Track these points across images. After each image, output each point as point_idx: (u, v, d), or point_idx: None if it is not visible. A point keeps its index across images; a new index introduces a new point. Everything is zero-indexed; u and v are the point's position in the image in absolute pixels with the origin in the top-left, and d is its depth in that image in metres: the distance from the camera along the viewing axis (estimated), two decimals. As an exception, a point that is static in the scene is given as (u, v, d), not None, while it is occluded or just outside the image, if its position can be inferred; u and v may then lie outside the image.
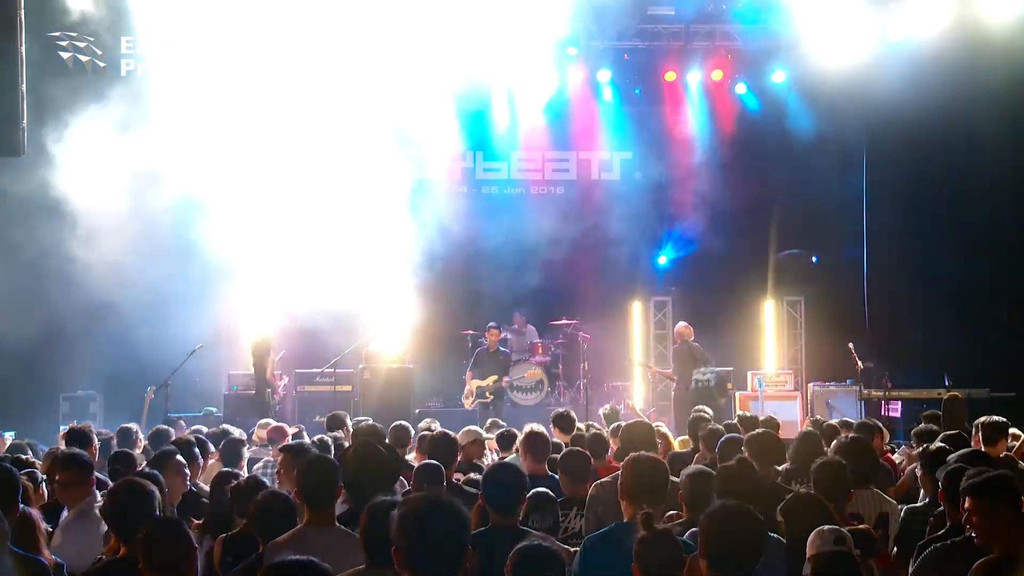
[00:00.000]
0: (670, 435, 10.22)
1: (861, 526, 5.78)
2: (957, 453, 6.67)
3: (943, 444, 7.27)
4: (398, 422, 9.39)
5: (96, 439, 8.90)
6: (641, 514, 4.49)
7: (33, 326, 14.80)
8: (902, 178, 17.53)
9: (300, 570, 3.65)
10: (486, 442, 9.50)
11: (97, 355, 14.97)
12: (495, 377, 15.68)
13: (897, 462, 9.25)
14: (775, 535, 5.31)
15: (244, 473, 7.97)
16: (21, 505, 5.61)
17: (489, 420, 11.64)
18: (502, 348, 16.18)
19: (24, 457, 8.09)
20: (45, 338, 14.95)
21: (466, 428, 9.33)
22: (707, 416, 9.99)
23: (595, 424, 10.29)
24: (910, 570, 5.56)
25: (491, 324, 16.10)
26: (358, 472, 5.74)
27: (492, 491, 5.57)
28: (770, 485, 6.61)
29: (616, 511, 5.64)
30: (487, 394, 15.65)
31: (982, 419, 8.71)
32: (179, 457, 7.15)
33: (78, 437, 8.45)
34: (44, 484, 7.27)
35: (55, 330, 15.04)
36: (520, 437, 8.83)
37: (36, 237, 14.91)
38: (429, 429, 9.51)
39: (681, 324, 15.74)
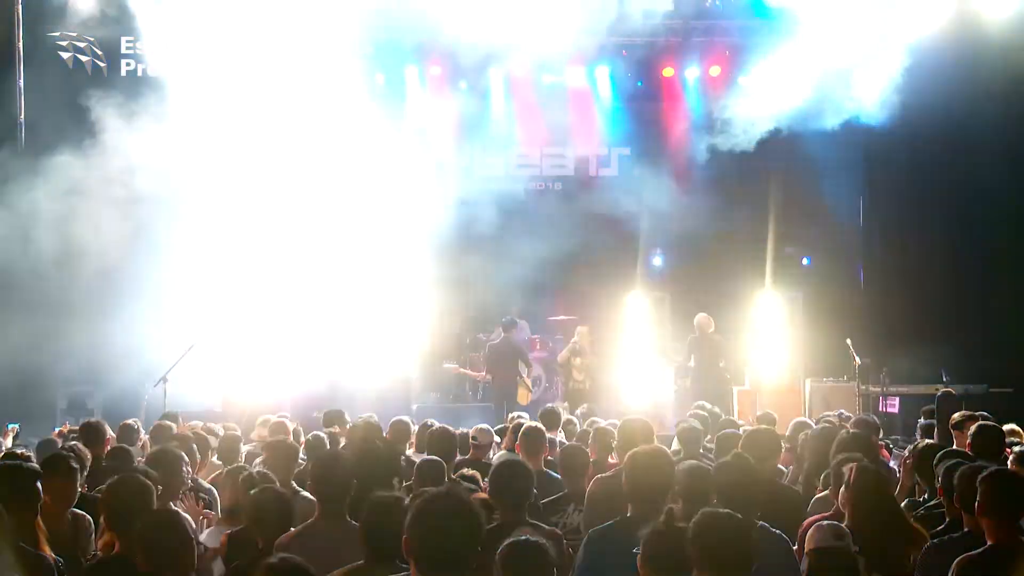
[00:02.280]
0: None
1: None
2: (946, 450, 6.69)
3: (932, 442, 7.30)
4: (397, 418, 9.42)
5: (111, 433, 8.97)
6: (667, 508, 4.51)
7: (31, 321, 14.81)
8: (900, 174, 17.54)
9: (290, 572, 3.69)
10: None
11: (95, 350, 14.95)
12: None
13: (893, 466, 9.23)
14: (777, 531, 5.32)
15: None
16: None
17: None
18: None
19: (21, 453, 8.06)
20: (43, 333, 14.94)
21: (482, 426, 9.34)
22: (700, 415, 10.01)
23: (599, 420, 10.31)
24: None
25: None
26: (357, 467, 5.76)
27: (500, 487, 5.60)
28: (768, 482, 6.61)
29: (618, 507, 5.65)
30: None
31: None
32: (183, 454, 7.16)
33: (92, 432, 8.53)
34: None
35: (53, 325, 15.03)
36: (509, 432, 8.91)
37: (35, 233, 14.91)
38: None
39: (701, 315, 15.70)
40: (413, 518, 3.75)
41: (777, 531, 5.31)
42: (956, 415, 8.68)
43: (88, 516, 6.04)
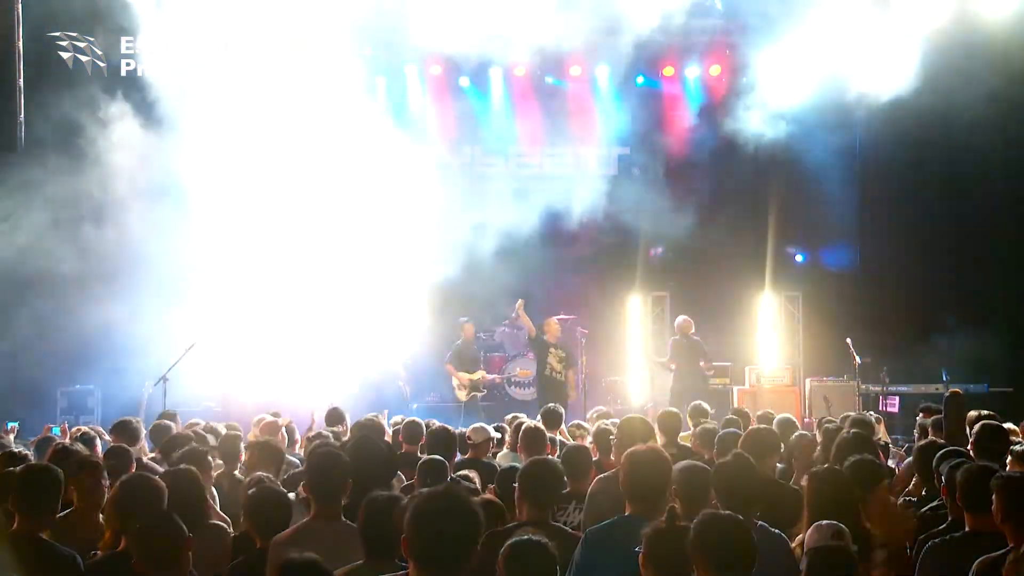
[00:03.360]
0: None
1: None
2: (947, 449, 6.68)
3: (935, 440, 7.27)
4: (412, 419, 9.43)
5: (143, 431, 9.03)
6: (669, 507, 4.52)
7: (30, 320, 14.82)
8: (899, 173, 17.54)
9: (304, 570, 3.69)
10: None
11: (95, 349, 14.97)
12: (482, 372, 15.99)
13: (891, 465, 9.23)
14: (776, 530, 5.32)
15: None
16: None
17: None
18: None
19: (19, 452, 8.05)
20: (43, 332, 14.95)
21: (476, 425, 9.34)
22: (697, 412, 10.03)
23: (604, 421, 10.32)
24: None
25: (464, 319, 16.34)
26: (356, 467, 5.75)
27: (531, 485, 5.62)
28: (768, 482, 6.61)
29: (619, 506, 5.65)
30: (482, 388, 15.86)
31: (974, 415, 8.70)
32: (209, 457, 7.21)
33: (127, 430, 8.63)
34: None
35: (52, 324, 15.04)
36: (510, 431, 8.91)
37: (34, 232, 14.92)
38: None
39: (681, 317, 15.80)
40: (411, 517, 3.74)
41: (776, 531, 5.32)
42: (972, 413, 8.67)
43: None
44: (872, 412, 12.51)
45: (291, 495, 6.02)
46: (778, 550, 5.18)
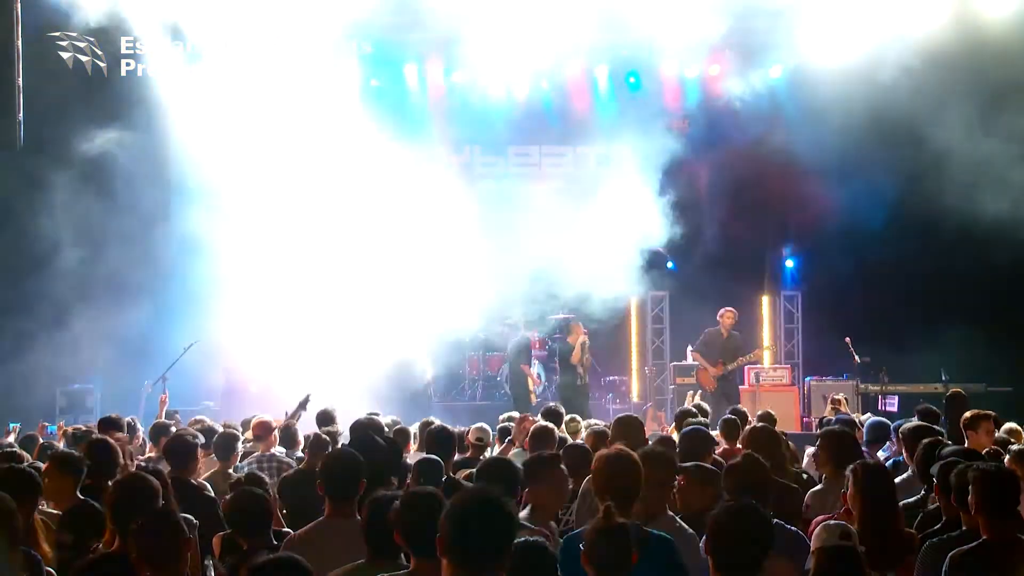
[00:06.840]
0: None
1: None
2: (950, 448, 6.69)
3: (938, 438, 7.28)
4: (398, 426, 9.42)
5: (128, 428, 9.04)
6: (604, 506, 4.49)
7: (30, 319, 14.81)
8: (897, 172, 17.53)
9: (284, 568, 3.69)
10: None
11: (95, 348, 14.96)
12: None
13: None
14: (794, 528, 5.33)
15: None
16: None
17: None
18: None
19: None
20: (42, 331, 14.95)
21: (477, 425, 9.32)
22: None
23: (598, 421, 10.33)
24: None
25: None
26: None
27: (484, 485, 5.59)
28: (777, 482, 6.61)
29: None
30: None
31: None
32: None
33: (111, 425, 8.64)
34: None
35: (52, 323, 15.04)
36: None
37: (34, 232, 14.93)
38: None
39: (725, 310, 15.81)
40: (447, 516, 3.74)
41: (793, 528, 5.34)
42: (967, 413, 8.67)
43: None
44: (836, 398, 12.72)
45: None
46: (792, 549, 5.18)
